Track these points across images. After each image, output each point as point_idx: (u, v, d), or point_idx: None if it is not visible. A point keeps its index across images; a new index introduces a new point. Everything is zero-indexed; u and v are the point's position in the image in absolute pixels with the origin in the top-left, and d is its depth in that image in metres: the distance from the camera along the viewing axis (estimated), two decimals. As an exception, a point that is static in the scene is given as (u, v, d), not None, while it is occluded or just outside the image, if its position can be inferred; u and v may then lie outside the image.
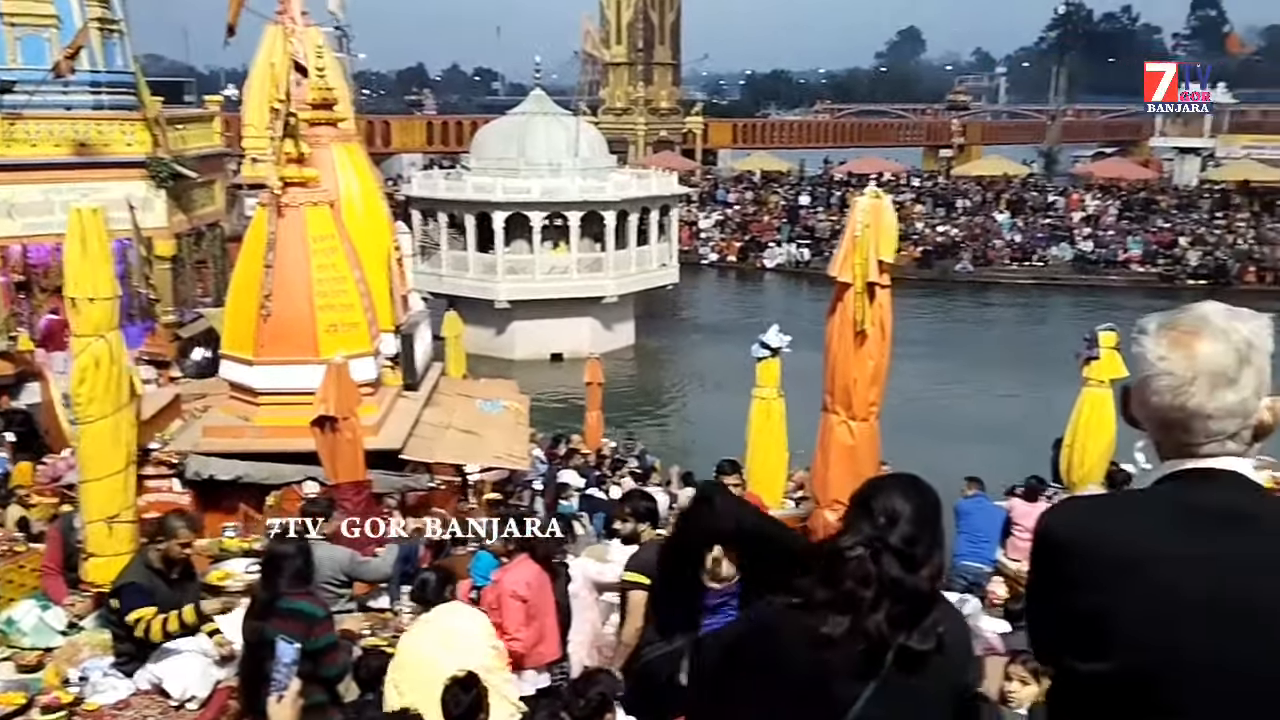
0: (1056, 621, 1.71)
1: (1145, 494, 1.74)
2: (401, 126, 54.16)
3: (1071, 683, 1.70)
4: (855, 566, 2.04)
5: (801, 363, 9.30)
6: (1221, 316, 1.64)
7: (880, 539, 2.06)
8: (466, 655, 4.25)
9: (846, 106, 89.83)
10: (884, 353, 5.26)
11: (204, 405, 10.79)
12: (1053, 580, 1.71)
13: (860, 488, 2.24)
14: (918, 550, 2.05)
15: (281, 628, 4.06)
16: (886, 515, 2.08)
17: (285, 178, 9.45)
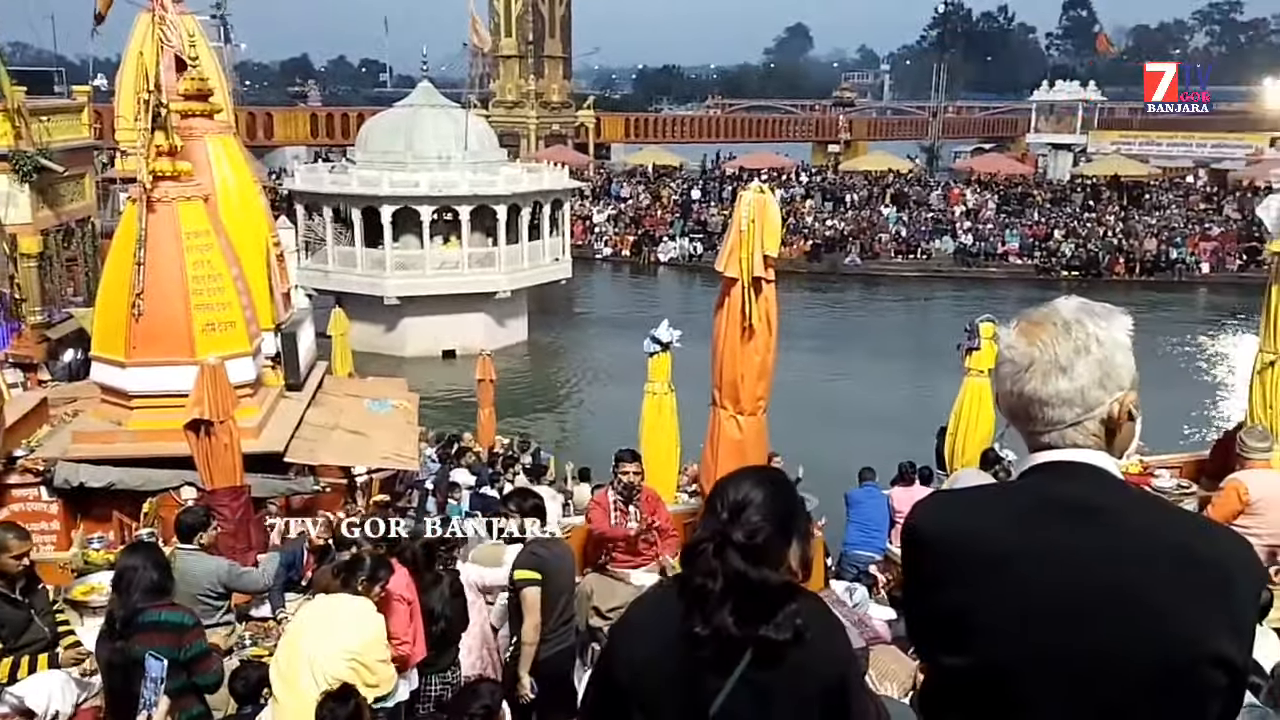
0: (924, 616, 1.74)
1: (1007, 488, 1.78)
2: (284, 118, 52.67)
3: (939, 676, 1.72)
4: (700, 561, 2.04)
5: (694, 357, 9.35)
6: (1070, 310, 1.69)
7: (723, 532, 2.05)
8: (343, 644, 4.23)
9: (737, 102, 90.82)
10: (770, 347, 5.30)
11: (74, 409, 10.30)
12: (919, 576, 1.74)
13: (715, 484, 2.23)
14: (761, 540, 2.03)
15: (150, 642, 3.89)
16: (731, 509, 2.07)
17: (156, 171, 9.07)
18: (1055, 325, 1.67)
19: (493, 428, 16.58)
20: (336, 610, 4.34)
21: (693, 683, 2.02)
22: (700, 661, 2.00)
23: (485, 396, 16.46)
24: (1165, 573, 1.54)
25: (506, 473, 13.06)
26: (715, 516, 2.09)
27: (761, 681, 2.00)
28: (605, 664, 2.17)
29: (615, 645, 2.18)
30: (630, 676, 2.07)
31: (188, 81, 10.48)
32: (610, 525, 6.16)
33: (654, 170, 52.09)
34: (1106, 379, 1.65)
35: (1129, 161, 48.15)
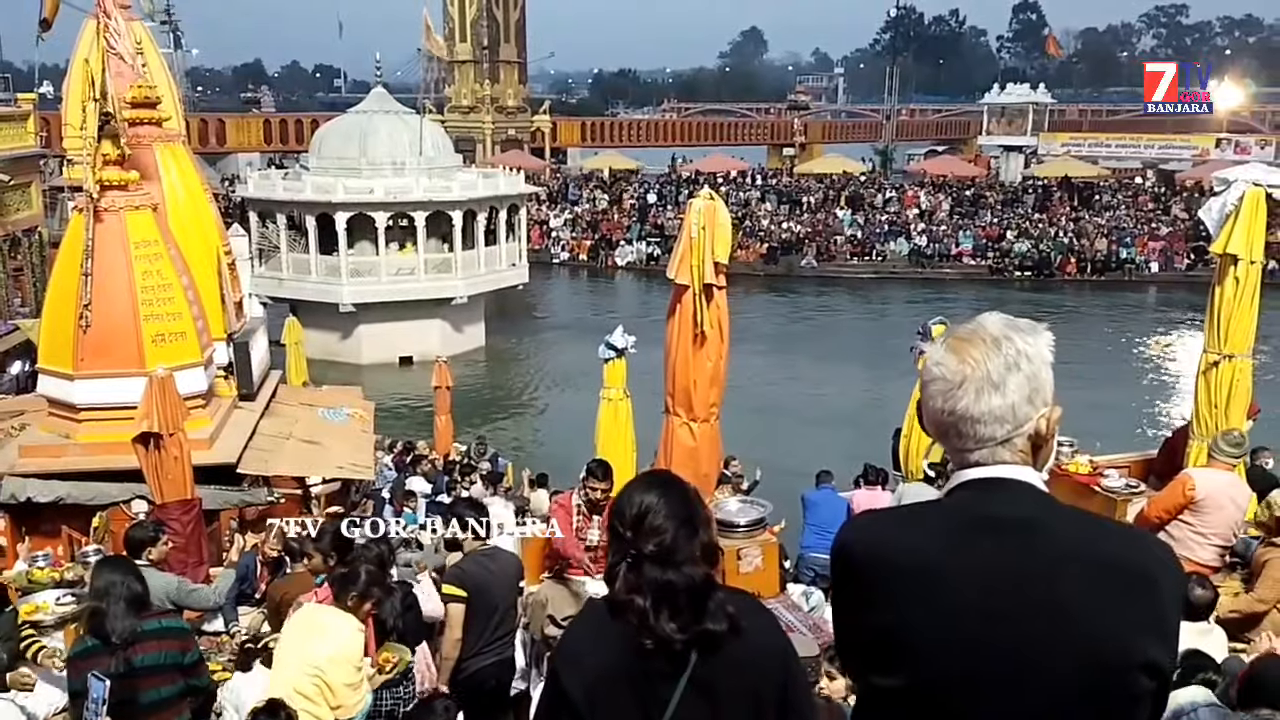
0: (855, 636, 1.74)
1: (934, 506, 1.78)
2: (237, 125, 52.07)
3: (870, 696, 1.73)
4: (622, 581, 2.08)
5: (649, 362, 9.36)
6: (997, 325, 1.69)
7: (633, 547, 2.08)
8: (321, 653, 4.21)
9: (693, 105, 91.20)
10: (722, 354, 5.32)
11: (21, 423, 10.12)
12: (848, 595, 1.74)
13: (611, 504, 2.25)
14: (670, 542, 2.06)
15: (155, 649, 3.94)
16: (632, 523, 2.10)
17: (103, 180, 8.95)
18: (985, 341, 1.66)
19: (450, 435, 16.50)
20: (318, 621, 4.30)
21: (644, 694, 2.04)
22: (650, 671, 2.03)
23: (442, 403, 16.37)
24: (1095, 584, 1.56)
25: (464, 480, 12.98)
26: (619, 536, 2.12)
27: (708, 680, 2.03)
28: (554, 684, 2.16)
29: (563, 664, 2.17)
30: (583, 693, 2.07)
31: (135, 89, 10.35)
32: (571, 529, 6.12)
33: (610, 174, 52.12)
34: (1035, 394, 1.65)
35: (1079, 163, 48.94)
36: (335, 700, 4.13)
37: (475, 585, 5.10)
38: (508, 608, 5.32)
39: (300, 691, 4.04)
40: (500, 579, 5.20)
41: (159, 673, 3.92)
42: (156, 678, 3.89)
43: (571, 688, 2.08)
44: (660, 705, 2.03)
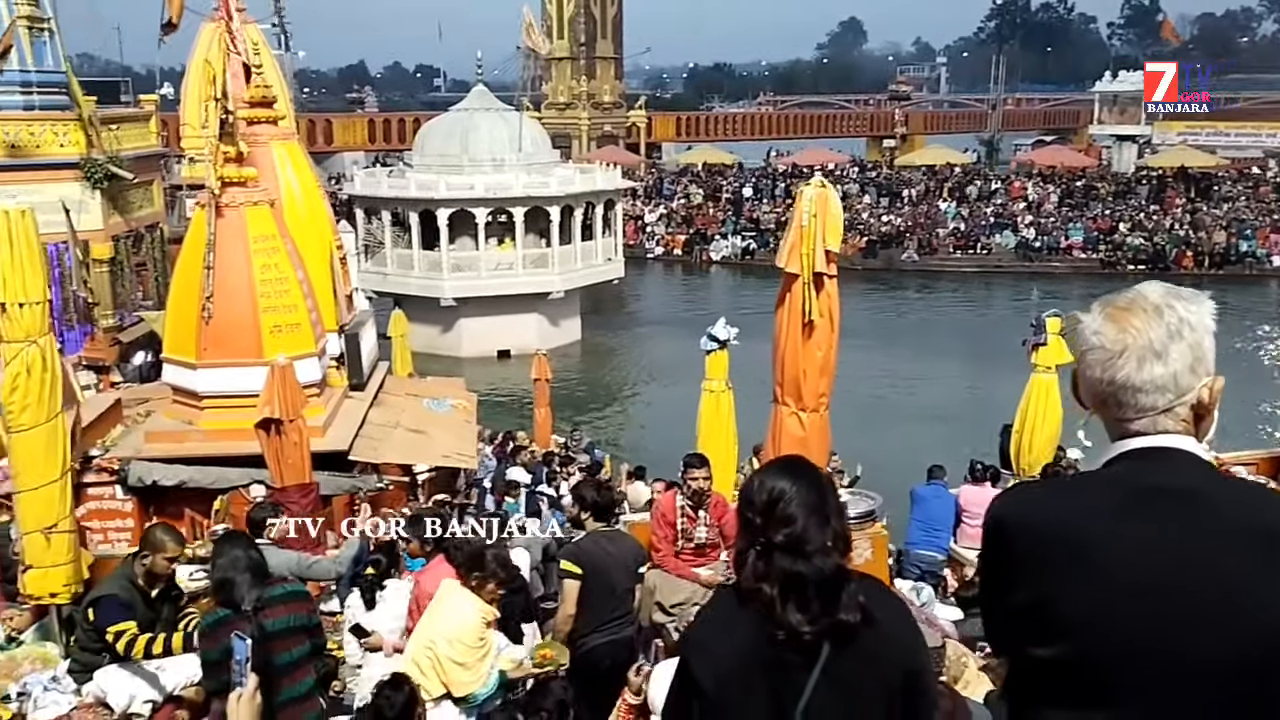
0: (1008, 608, 1.72)
1: (1092, 476, 1.75)
2: (343, 125, 53.56)
3: (1025, 670, 1.71)
4: (750, 569, 2.06)
5: (748, 354, 9.34)
6: (1158, 294, 1.67)
7: (763, 536, 2.06)
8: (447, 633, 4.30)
9: (789, 98, 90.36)
10: (832, 343, 5.29)
11: (146, 410, 10.56)
12: (1002, 567, 1.72)
13: (741, 489, 2.24)
14: (800, 532, 2.04)
15: (286, 613, 4.12)
16: (762, 511, 2.08)
17: (224, 177, 9.26)
18: (1146, 310, 1.65)
19: (549, 427, 16.69)
20: (446, 600, 4.42)
21: (777, 682, 2.03)
22: (782, 661, 2.02)
23: (541, 396, 16.57)
24: (1261, 557, 1.52)
25: (563, 471, 13.13)
26: (750, 523, 2.10)
27: (842, 670, 2.01)
28: (684, 670, 2.17)
29: (693, 653, 2.17)
30: (713, 681, 2.07)
31: (253, 89, 10.70)
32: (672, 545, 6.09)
33: (705, 169, 51.98)
34: (1197, 364, 1.63)
35: (1196, 152, 47.04)
36: (445, 676, 4.23)
37: (592, 564, 5.20)
38: (625, 590, 5.40)
39: (415, 663, 4.16)
40: (619, 561, 5.28)
41: (289, 635, 4.09)
42: (287, 640, 4.07)
43: (701, 675, 2.09)
44: (794, 694, 2.01)
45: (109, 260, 16.42)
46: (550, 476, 13.08)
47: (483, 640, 4.43)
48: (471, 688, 4.34)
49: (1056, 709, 1.64)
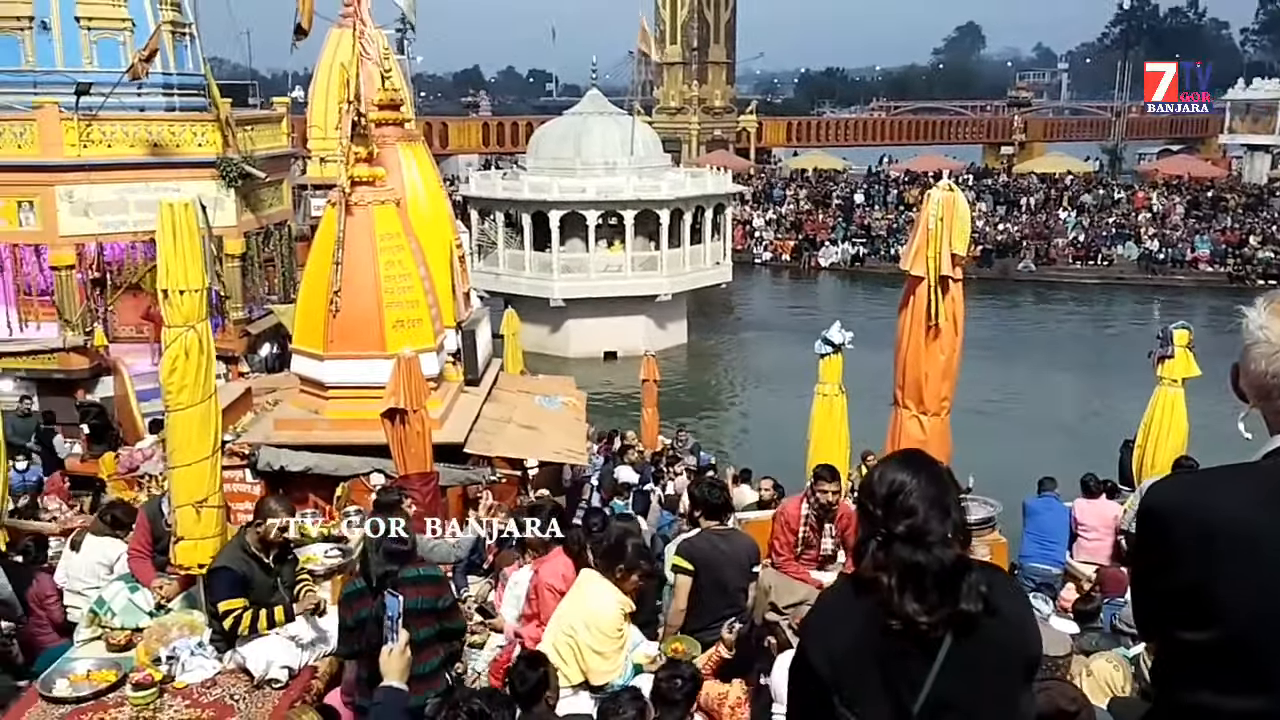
0: (1162, 592, 1.74)
1: (1252, 467, 1.76)
2: (458, 128, 54.76)
3: (1178, 654, 1.73)
4: (869, 560, 2.07)
5: (858, 361, 9.28)
6: None
7: (883, 527, 2.07)
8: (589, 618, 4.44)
9: (903, 104, 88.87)
10: (956, 347, 5.25)
11: (275, 399, 11.05)
12: (1156, 552, 1.74)
13: (862, 481, 2.21)
14: (921, 523, 2.04)
15: (413, 595, 4.26)
16: (883, 502, 2.09)
17: (354, 177, 9.62)
18: None
19: (656, 427, 16.81)
20: (585, 589, 4.56)
21: (896, 671, 2.04)
22: (900, 652, 2.03)
23: (649, 396, 16.70)
24: None
25: (670, 471, 13.23)
26: (869, 514, 2.12)
27: (965, 660, 2.01)
28: (801, 658, 2.20)
29: (810, 641, 2.20)
30: (831, 670, 2.09)
31: (382, 92, 11.09)
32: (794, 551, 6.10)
33: (816, 174, 51.54)
34: None
35: (1335, 163, 44.68)
36: (584, 664, 4.34)
37: (703, 561, 5.29)
38: (738, 588, 5.47)
39: (555, 649, 4.29)
40: (731, 559, 5.36)
41: (416, 616, 4.25)
42: (414, 620, 4.23)
43: (818, 663, 2.11)
44: (913, 686, 2.02)
45: (240, 255, 17.17)
46: (658, 476, 13.18)
47: (620, 631, 4.53)
48: (609, 677, 4.44)
49: (1211, 692, 1.66)
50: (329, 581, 5.75)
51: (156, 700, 4.63)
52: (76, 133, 15.35)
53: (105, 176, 15.62)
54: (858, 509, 2.20)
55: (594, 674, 4.41)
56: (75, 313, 15.65)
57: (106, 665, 4.95)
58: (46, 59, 16.10)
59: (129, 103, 16.29)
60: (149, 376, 15.53)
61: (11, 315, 16.04)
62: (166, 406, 5.34)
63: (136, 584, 5.80)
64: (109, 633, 5.43)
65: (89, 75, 15.80)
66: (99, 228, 15.75)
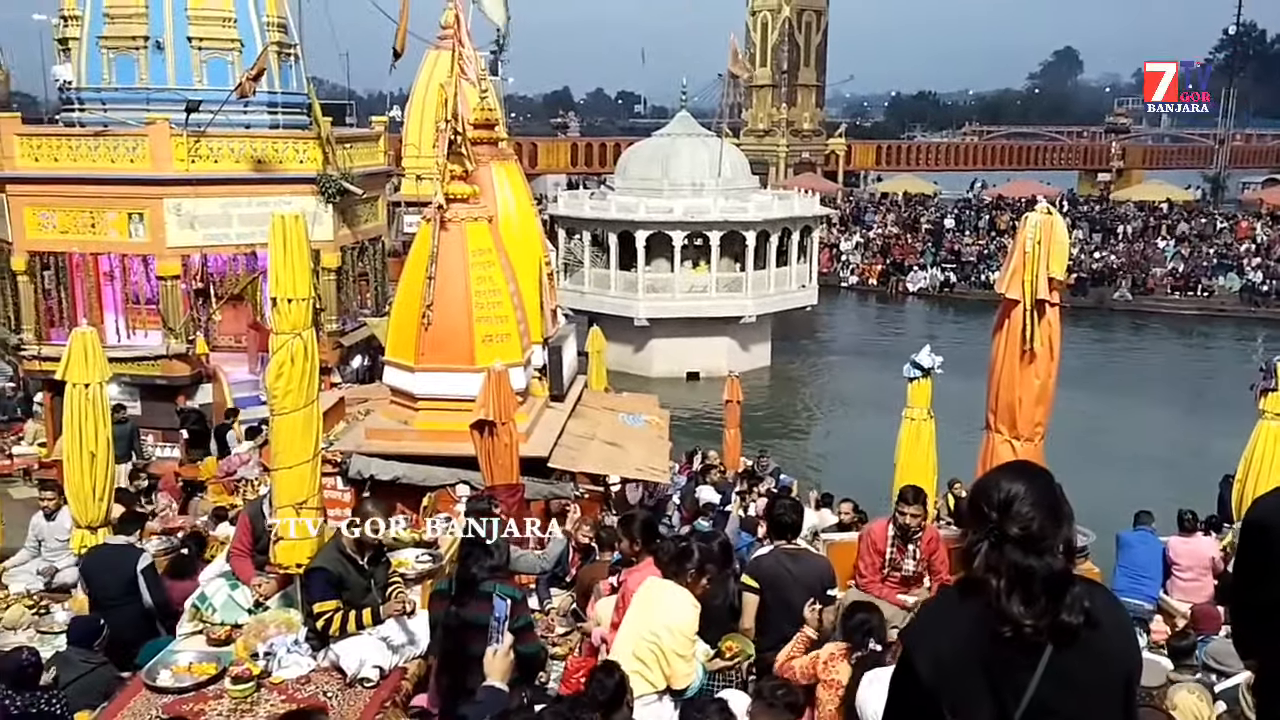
0: (1261, 606, 1.72)
1: None
2: (547, 148, 55.52)
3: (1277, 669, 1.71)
4: (980, 561, 2.10)
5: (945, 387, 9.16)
6: None
7: (997, 529, 2.10)
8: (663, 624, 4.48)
9: (996, 129, 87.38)
10: (1051, 372, 5.17)
11: (366, 409, 11.32)
12: (1258, 565, 1.73)
13: (972, 486, 2.29)
14: (1035, 529, 2.07)
15: (484, 610, 4.34)
16: (1000, 506, 2.12)
17: (449, 194, 9.86)
18: None
19: (738, 448, 16.77)
20: (658, 594, 4.60)
21: (997, 679, 2.06)
22: (1004, 658, 2.05)
23: (732, 417, 16.68)
24: None
25: (752, 492, 13.18)
26: (983, 517, 2.14)
27: (1065, 671, 2.04)
28: (907, 666, 2.23)
29: (915, 647, 2.23)
30: (936, 676, 2.12)
31: (478, 111, 11.35)
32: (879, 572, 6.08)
33: (905, 198, 50.96)
34: None
35: None
36: (669, 669, 4.38)
37: (769, 580, 5.35)
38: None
39: (638, 656, 4.33)
40: (799, 580, 5.38)
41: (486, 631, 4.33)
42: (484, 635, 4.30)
43: (922, 668, 2.14)
44: (1015, 692, 2.04)
45: (336, 269, 17.63)
46: (741, 496, 13.15)
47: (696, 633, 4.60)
48: (689, 680, 4.48)
49: None
50: (419, 585, 5.89)
51: (254, 694, 4.80)
52: (185, 148, 15.97)
53: (211, 191, 16.21)
54: (970, 511, 2.23)
55: (678, 678, 4.45)
56: (179, 321, 16.24)
57: (207, 659, 5.15)
58: (159, 77, 16.79)
59: (235, 120, 16.90)
60: (246, 385, 16.10)
61: (120, 322, 16.71)
62: (271, 411, 5.55)
63: (236, 581, 6.03)
64: (209, 627, 5.64)
65: (199, 93, 16.43)
66: (204, 240, 16.34)
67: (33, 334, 16.30)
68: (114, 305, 16.76)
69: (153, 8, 16.57)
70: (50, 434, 14.59)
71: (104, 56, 16.71)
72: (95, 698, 5.30)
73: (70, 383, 7.41)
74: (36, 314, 16.34)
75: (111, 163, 15.93)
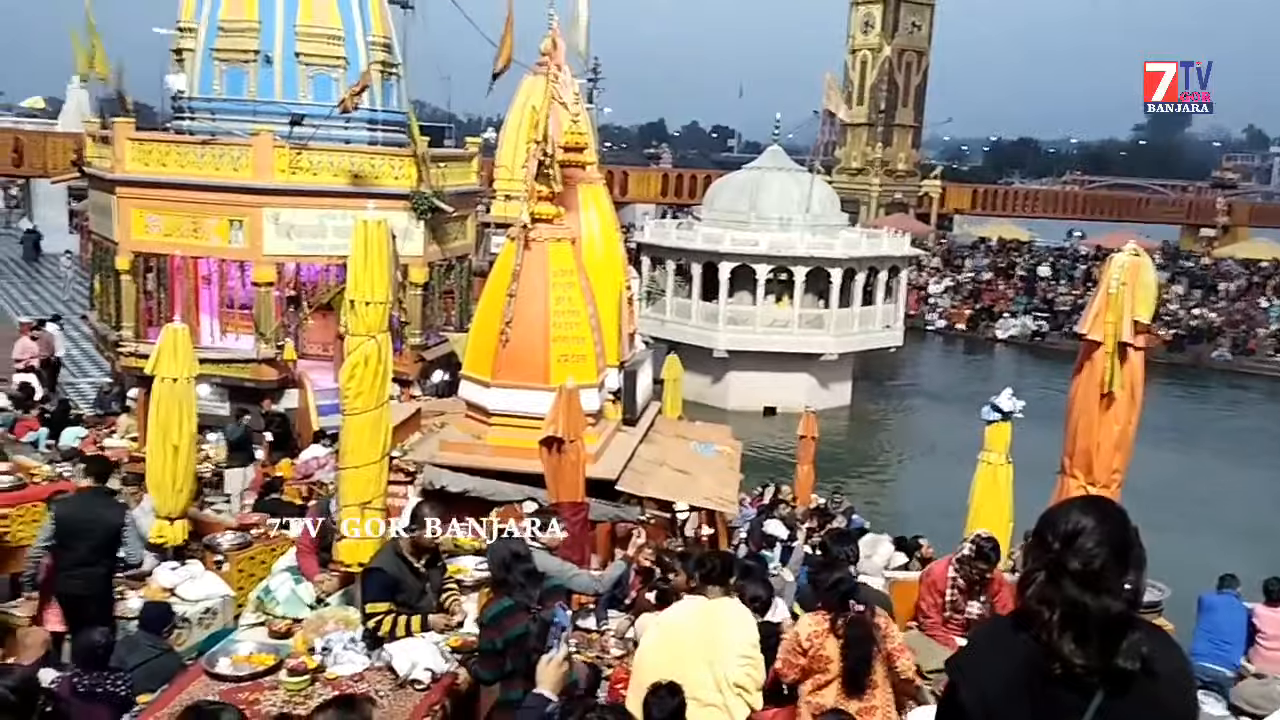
0: None
1: None
2: (638, 177, 55.95)
3: None
4: (1035, 590, 2.04)
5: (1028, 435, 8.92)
6: None
7: (1057, 561, 2.03)
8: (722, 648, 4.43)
9: (1099, 178, 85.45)
10: (1132, 419, 4.99)
11: (441, 421, 11.49)
12: None
13: (1041, 515, 2.22)
14: (1098, 567, 2.00)
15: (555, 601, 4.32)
16: (1064, 538, 2.05)
17: (535, 214, 9.99)
18: None
19: (810, 485, 16.57)
20: (719, 613, 4.54)
21: (1048, 716, 1.99)
22: (1053, 695, 1.98)
23: (806, 453, 16.49)
24: None
25: (821, 529, 12.98)
26: (1046, 547, 2.08)
27: (1116, 716, 1.96)
28: (953, 699, 2.17)
29: (963, 678, 2.17)
30: (982, 709, 2.06)
31: (568, 134, 11.50)
32: (940, 611, 5.95)
33: (1000, 244, 50.06)
34: None
35: None
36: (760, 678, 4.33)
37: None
38: None
39: (739, 685, 4.26)
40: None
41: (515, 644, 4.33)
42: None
43: (967, 698, 2.08)
44: None
45: (423, 285, 17.99)
46: (810, 534, 12.97)
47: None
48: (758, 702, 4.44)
49: None
50: (476, 594, 5.93)
51: (308, 688, 4.87)
52: (287, 159, 16.51)
53: (308, 202, 16.71)
54: (1034, 539, 2.18)
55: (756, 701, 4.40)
56: (270, 327, 16.73)
57: (266, 649, 5.25)
58: (267, 90, 17.42)
59: (336, 135, 17.43)
60: (330, 392, 16.48)
61: (214, 325, 17.27)
62: (343, 410, 5.67)
63: (301, 576, 6.15)
64: (272, 620, 5.76)
65: (303, 107, 17.00)
66: (298, 249, 16.83)
67: (131, 331, 16.93)
68: (210, 308, 17.32)
69: (265, 23, 17.21)
70: (141, 429, 15.09)
71: (216, 68, 17.40)
72: (160, 683, 5.44)
73: (158, 376, 7.67)
74: (136, 312, 16.98)
75: (216, 170, 16.54)
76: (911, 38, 49.23)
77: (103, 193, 17.76)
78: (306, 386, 16.38)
